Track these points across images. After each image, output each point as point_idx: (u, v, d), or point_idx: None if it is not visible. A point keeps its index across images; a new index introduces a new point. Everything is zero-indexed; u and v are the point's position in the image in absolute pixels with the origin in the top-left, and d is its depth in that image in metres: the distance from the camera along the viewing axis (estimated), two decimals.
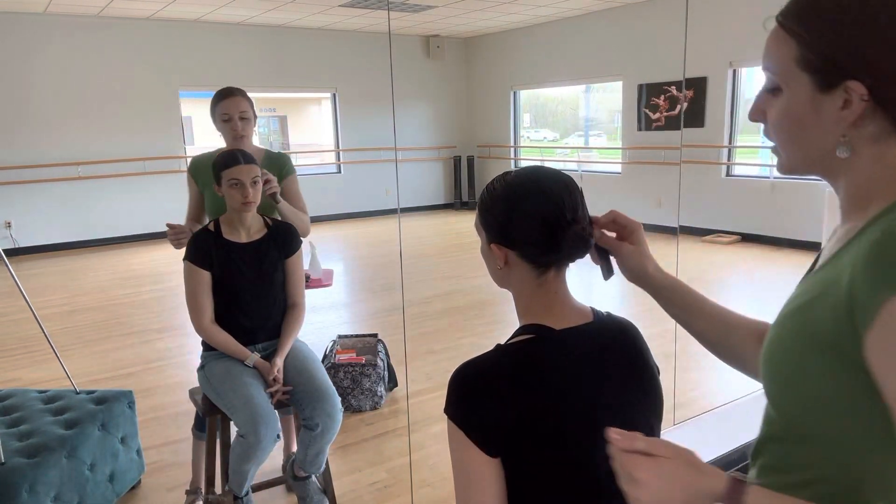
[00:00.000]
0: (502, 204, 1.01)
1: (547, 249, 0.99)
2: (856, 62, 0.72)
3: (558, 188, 0.99)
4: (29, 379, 4.03)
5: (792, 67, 0.76)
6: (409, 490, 2.68)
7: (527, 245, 0.99)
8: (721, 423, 2.92)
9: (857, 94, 0.72)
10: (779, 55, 0.77)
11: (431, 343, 4.49)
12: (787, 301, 0.84)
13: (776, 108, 0.79)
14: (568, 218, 0.98)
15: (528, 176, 1.02)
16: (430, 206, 11.50)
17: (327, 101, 10.86)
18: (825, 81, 0.74)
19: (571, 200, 0.99)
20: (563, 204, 0.98)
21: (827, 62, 0.73)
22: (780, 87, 0.78)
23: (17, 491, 2.06)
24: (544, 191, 0.99)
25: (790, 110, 0.78)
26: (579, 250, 0.99)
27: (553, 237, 0.97)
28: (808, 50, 0.74)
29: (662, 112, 8.61)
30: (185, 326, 4.94)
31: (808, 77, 0.75)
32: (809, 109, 0.76)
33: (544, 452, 0.93)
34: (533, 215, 0.98)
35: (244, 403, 2.13)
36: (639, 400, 1.02)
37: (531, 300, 1.02)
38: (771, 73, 0.79)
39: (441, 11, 8.80)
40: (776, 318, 0.85)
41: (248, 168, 2.23)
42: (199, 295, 2.26)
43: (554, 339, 0.98)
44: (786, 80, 0.77)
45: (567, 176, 1.02)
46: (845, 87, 0.72)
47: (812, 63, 0.74)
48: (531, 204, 0.98)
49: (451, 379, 0.97)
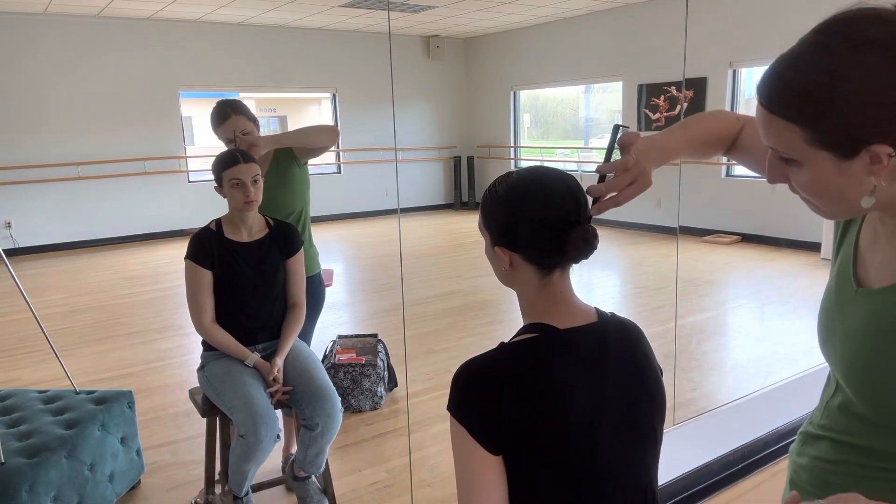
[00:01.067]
0: (505, 207, 1.00)
1: (552, 252, 0.99)
2: (872, 130, 0.72)
3: (561, 190, 0.99)
4: (29, 379, 4.03)
5: (805, 148, 0.76)
6: (409, 490, 2.67)
7: (532, 248, 0.99)
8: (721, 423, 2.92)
9: (884, 154, 0.72)
10: (786, 139, 0.77)
11: (431, 343, 4.49)
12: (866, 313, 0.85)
13: (802, 178, 0.80)
14: (572, 220, 0.98)
15: (530, 178, 1.01)
16: (430, 206, 11.50)
17: (327, 101, 10.86)
18: (846, 153, 0.74)
19: (575, 202, 0.99)
20: (567, 206, 0.98)
21: (841, 138, 0.73)
22: (797, 161, 0.78)
23: (17, 491, 2.05)
24: (547, 193, 0.98)
25: (819, 181, 0.78)
26: (584, 252, 0.99)
27: (558, 240, 0.97)
28: (816, 132, 0.74)
29: (662, 112, 8.61)
30: (185, 326, 4.94)
31: (826, 153, 0.75)
32: (838, 175, 0.76)
33: (547, 451, 0.93)
34: (537, 220, 0.98)
35: (244, 403, 2.13)
36: (642, 400, 1.02)
37: (536, 300, 1.02)
38: (782, 152, 0.79)
39: (441, 11, 8.80)
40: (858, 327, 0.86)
41: (249, 167, 2.24)
42: (199, 294, 2.27)
43: (558, 338, 0.98)
44: (803, 158, 0.77)
45: (569, 176, 1.02)
46: (869, 150, 0.73)
47: (827, 141, 0.74)
48: (535, 207, 0.98)
49: (454, 376, 0.97)
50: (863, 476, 0.87)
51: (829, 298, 0.95)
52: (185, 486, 2.76)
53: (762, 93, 0.78)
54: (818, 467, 0.94)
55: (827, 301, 0.95)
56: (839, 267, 0.94)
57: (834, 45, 0.72)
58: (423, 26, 10.03)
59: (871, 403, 0.85)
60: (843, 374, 0.89)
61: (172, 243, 8.74)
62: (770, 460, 2.76)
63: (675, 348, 4.24)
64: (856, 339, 0.86)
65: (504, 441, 0.92)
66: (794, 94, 0.75)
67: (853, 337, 0.86)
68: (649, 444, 1.03)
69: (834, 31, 0.73)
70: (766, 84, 0.78)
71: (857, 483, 0.87)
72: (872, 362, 0.83)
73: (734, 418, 2.92)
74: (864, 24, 0.72)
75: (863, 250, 0.91)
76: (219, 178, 2.25)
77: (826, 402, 0.96)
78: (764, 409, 3.03)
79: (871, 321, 0.84)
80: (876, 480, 0.85)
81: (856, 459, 0.88)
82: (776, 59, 0.78)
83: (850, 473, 0.88)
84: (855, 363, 0.86)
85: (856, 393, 0.86)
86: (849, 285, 0.90)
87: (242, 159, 2.24)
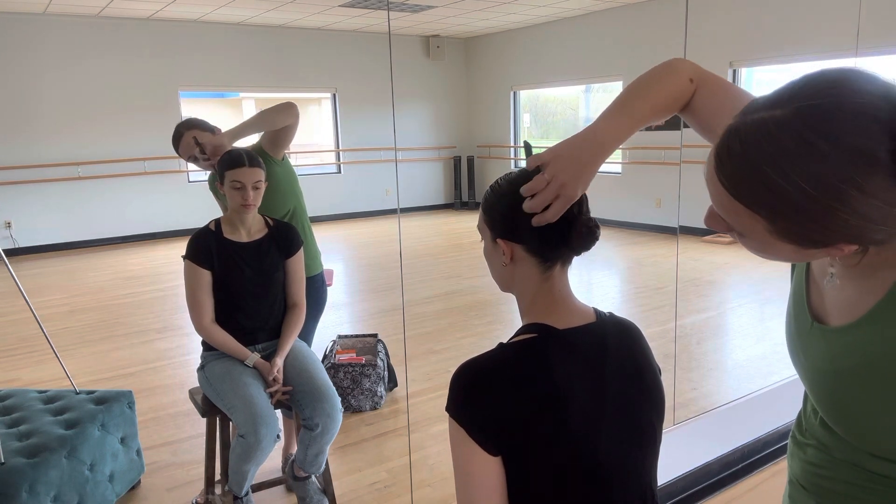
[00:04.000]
0: (509, 198, 1.00)
1: (556, 241, 0.99)
2: (847, 237, 0.68)
3: None
4: (29, 379, 4.03)
5: (767, 236, 0.72)
6: (409, 490, 2.68)
7: (535, 238, 0.99)
8: (721, 423, 2.92)
9: (849, 249, 0.70)
10: (746, 225, 0.73)
11: (431, 343, 4.49)
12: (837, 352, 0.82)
13: (752, 246, 0.77)
14: (575, 210, 0.98)
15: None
16: (430, 206, 11.50)
17: (327, 101, 10.86)
18: (812, 246, 0.71)
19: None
20: None
21: (813, 241, 0.70)
22: (739, 232, 0.76)
23: (17, 491, 2.05)
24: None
25: (759, 246, 0.76)
26: (587, 242, 0.99)
27: (562, 229, 0.98)
28: (787, 232, 0.70)
29: None
30: (185, 326, 4.94)
31: (791, 246, 0.72)
32: (794, 254, 0.73)
33: (546, 452, 0.93)
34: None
35: (244, 403, 2.13)
36: (641, 400, 1.02)
37: (535, 299, 1.02)
38: (736, 228, 0.75)
39: (441, 11, 8.80)
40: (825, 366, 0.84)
41: (252, 171, 2.24)
42: (199, 294, 2.27)
43: (557, 338, 0.98)
44: (762, 241, 0.74)
45: None
46: (836, 247, 0.70)
47: (794, 239, 0.70)
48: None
49: (453, 377, 0.97)
50: (852, 483, 0.87)
51: (790, 324, 0.94)
52: (185, 486, 2.76)
53: (727, 173, 0.70)
54: (809, 471, 0.94)
55: (789, 326, 0.94)
56: (794, 292, 0.93)
57: (826, 150, 0.64)
58: (423, 26, 10.03)
59: (845, 432, 0.84)
60: (815, 402, 0.88)
61: (172, 243, 8.74)
62: (770, 460, 2.76)
63: (675, 348, 4.24)
64: (818, 376, 0.85)
65: (503, 442, 0.92)
66: (771, 194, 0.67)
67: (816, 374, 0.86)
68: (649, 444, 1.03)
69: (824, 130, 0.64)
70: (733, 166, 0.70)
71: (847, 488, 0.87)
72: (838, 399, 0.83)
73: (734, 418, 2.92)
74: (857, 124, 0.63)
75: (816, 278, 0.89)
76: (221, 175, 2.26)
77: (808, 412, 0.96)
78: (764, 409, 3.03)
79: (831, 361, 0.82)
80: (866, 490, 0.85)
81: (842, 470, 0.88)
82: (743, 131, 0.69)
83: (838, 479, 0.88)
84: (822, 398, 0.86)
85: (830, 421, 0.86)
86: (804, 317, 0.89)
87: (248, 163, 2.23)
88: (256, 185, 2.25)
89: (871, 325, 0.78)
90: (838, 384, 0.82)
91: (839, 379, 0.82)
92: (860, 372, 0.79)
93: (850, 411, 0.82)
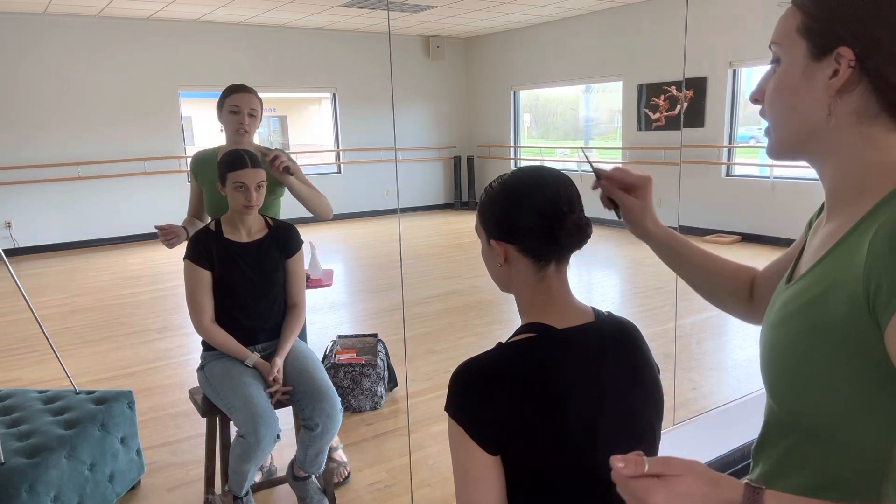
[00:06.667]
0: (501, 200, 1.02)
1: (546, 241, 1.00)
2: (848, 28, 0.73)
3: (555, 182, 1.02)
4: (29, 379, 4.03)
5: (792, 35, 0.78)
6: (409, 490, 2.68)
7: (526, 237, 1.00)
8: (721, 423, 2.92)
9: (845, 59, 0.73)
10: (783, 25, 0.80)
11: (431, 343, 4.49)
12: (778, 306, 0.84)
13: (773, 81, 0.82)
14: (565, 209, 0.99)
15: (525, 173, 1.04)
16: (430, 206, 11.50)
17: (327, 101, 10.86)
18: (818, 46, 0.76)
19: (567, 193, 1.01)
20: (560, 196, 1.00)
21: (822, 26, 0.75)
22: (779, 59, 0.81)
23: (17, 491, 2.05)
24: (541, 185, 1.01)
25: (784, 79, 0.80)
26: (577, 240, 0.99)
27: (551, 227, 0.99)
28: (810, 18, 0.76)
29: (662, 112, 8.61)
30: (185, 326, 4.94)
31: (804, 43, 0.77)
32: (801, 77, 0.78)
33: (545, 451, 0.94)
34: (531, 207, 0.99)
35: (244, 403, 2.13)
36: (640, 399, 1.03)
37: (533, 298, 1.02)
38: (774, 43, 0.82)
39: (441, 11, 8.80)
40: (769, 321, 0.84)
41: (255, 172, 2.23)
42: (199, 294, 2.27)
43: (556, 337, 0.98)
44: (784, 48, 0.80)
45: (564, 174, 1.04)
46: (836, 53, 0.74)
47: (810, 28, 0.76)
48: (529, 197, 1.00)
49: (452, 377, 0.97)
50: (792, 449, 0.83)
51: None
52: (185, 486, 2.76)
53: None
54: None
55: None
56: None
57: None
58: (423, 26, 10.03)
59: (780, 402, 0.83)
60: (763, 375, 0.86)
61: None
62: None
63: (675, 348, 4.24)
64: (763, 334, 0.86)
65: (502, 441, 0.92)
66: None
67: (763, 333, 0.86)
68: (647, 444, 1.04)
69: None
70: None
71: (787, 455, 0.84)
72: (777, 347, 0.82)
73: (734, 418, 2.92)
74: None
75: (807, 247, 0.91)
76: (223, 176, 2.25)
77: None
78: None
79: (779, 313, 0.83)
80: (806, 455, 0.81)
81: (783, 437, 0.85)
82: None
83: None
84: (767, 356, 0.84)
85: (773, 396, 0.84)
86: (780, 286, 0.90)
87: (250, 164, 2.24)
88: (259, 185, 2.25)
89: (819, 267, 0.78)
90: (775, 333, 0.82)
91: (781, 324, 0.81)
92: (799, 313, 0.78)
93: (781, 361, 0.81)
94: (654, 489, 0.64)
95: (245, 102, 2.49)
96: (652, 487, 0.64)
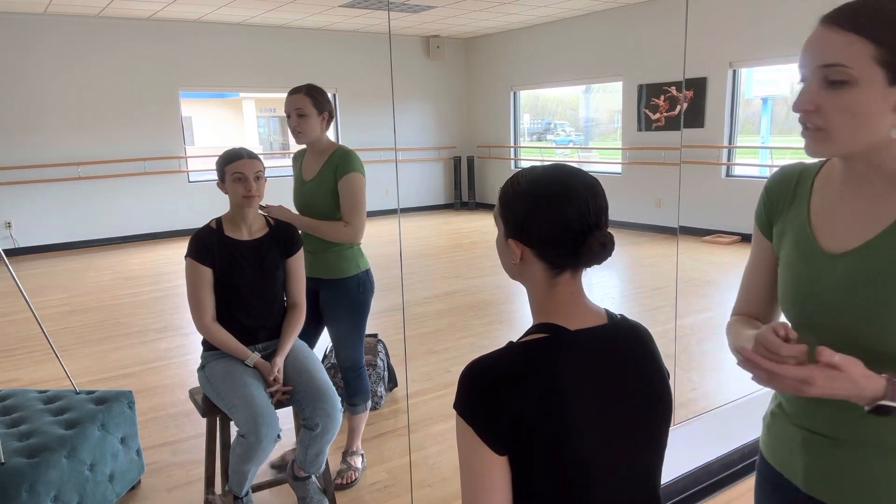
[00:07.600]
0: (526, 201, 0.99)
1: (566, 253, 0.98)
2: None
3: (584, 191, 0.97)
4: (29, 379, 4.03)
5: (870, 64, 0.88)
6: (409, 490, 2.67)
7: (546, 246, 0.98)
8: (721, 423, 2.92)
9: None
10: (852, 54, 0.88)
11: (431, 343, 4.49)
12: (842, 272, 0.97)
13: (843, 100, 0.90)
14: (591, 223, 0.96)
15: (554, 175, 0.99)
16: (430, 206, 11.50)
17: None
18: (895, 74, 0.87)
19: (596, 205, 0.97)
20: (588, 208, 0.96)
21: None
22: (849, 82, 0.89)
23: (17, 491, 2.05)
24: (570, 193, 0.97)
25: (862, 101, 0.89)
26: (598, 258, 0.97)
27: (573, 242, 0.96)
28: (886, 49, 0.87)
29: (662, 112, 8.61)
30: (185, 326, 4.94)
31: (882, 72, 0.87)
32: (880, 100, 0.88)
33: (552, 453, 0.93)
34: (556, 219, 0.96)
35: (244, 403, 2.13)
36: (648, 403, 1.02)
37: (545, 298, 1.01)
38: (841, 68, 0.89)
39: (441, 11, 8.80)
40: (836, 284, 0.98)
41: (252, 162, 2.26)
42: (200, 292, 2.27)
43: (568, 339, 0.97)
44: (861, 75, 0.88)
45: (593, 178, 1.00)
46: None
47: (887, 61, 0.87)
48: (555, 205, 0.96)
49: (461, 375, 0.96)
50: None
51: (794, 267, 1.05)
52: (185, 486, 2.76)
53: (833, 15, 0.90)
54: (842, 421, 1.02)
55: (793, 269, 1.06)
56: (795, 237, 1.06)
57: None
58: (423, 26, 10.03)
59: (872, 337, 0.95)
60: (837, 323, 0.99)
61: (172, 243, 8.74)
62: None
63: (675, 348, 4.24)
64: (845, 295, 0.97)
65: (510, 441, 0.92)
66: (884, 13, 0.87)
67: (844, 294, 0.97)
68: (655, 448, 1.03)
69: None
70: (844, 8, 0.90)
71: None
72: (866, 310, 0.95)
73: (734, 418, 2.92)
74: None
75: (815, 218, 1.04)
76: (221, 172, 2.26)
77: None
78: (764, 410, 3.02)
79: (853, 277, 0.96)
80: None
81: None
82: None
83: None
84: (850, 313, 0.96)
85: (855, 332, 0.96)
86: (816, 253, 1.02)
87: (247, 154, 2.28)
88: (258, 175, 2.26)
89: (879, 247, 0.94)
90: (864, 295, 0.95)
91: (864, 290, 0.95)
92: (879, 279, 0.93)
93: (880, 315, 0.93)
94: (818, 375, 0.86)
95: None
96: (816, 373, 0.86)
